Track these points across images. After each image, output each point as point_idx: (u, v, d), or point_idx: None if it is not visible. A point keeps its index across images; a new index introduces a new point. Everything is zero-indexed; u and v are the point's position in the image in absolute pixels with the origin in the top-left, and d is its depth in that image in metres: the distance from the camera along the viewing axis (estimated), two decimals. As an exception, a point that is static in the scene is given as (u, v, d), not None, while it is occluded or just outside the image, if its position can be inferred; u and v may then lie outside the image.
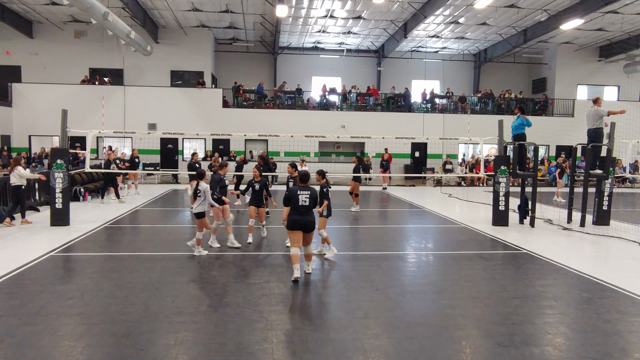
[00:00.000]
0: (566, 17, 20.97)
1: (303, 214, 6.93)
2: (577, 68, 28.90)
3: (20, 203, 11.23)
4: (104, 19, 18.54)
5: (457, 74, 30.84)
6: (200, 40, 26.40)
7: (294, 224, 6.93)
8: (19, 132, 24.04)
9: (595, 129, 11.91)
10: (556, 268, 8.01)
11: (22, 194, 11.26)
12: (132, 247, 9.38)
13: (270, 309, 5.79)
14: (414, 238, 10.70)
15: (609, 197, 12.16)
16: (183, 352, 4.64)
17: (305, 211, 6.96)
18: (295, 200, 6.94)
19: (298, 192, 6.97)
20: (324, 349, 4.75)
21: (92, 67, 26.17)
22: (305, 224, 6.93)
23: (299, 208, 6.94)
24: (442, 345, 4.92)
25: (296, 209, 6.95)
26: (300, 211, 6.94)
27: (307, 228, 6.97)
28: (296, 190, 7.01)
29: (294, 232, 6.96)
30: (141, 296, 6.18)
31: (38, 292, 6.28)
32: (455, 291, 6.65)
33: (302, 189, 7.05)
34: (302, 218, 6.91)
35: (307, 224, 6.94)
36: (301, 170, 7.47)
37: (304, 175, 7.23)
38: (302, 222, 6.91)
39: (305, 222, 6.93)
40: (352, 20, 24.07)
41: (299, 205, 6.93)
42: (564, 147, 26.47)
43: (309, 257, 7.33)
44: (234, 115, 24.96)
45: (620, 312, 5.93)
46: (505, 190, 11.93)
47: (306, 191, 7.01)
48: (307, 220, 6.94)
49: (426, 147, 26.62)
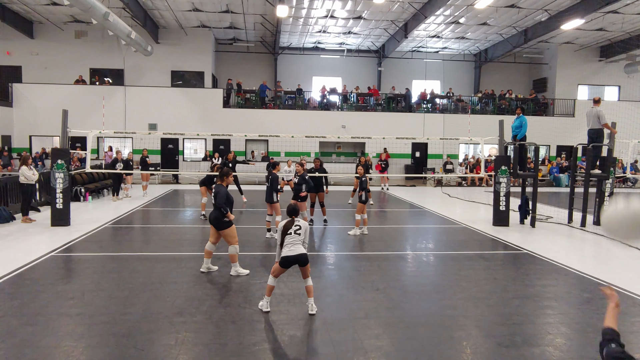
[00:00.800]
0: (567, 17, 20.96)
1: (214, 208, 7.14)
2: (577, 68, 28.87)
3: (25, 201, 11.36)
4: (105, 19, 18.54)
5: (458, 74, 30.83)
6: (201, 41, 26.40)
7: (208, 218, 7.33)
8: (20, 132, 24.04)
9: (596, 129, 11.91)
10: (557, 268, 8.01)
11: (25, 192, 11.37)
12: (133, 247, 9.39)
13: (271, 309, 5.79)
14: (415, 238, 10.70)
15: (610, 197, 12.15)
16: (183, 352, 4.64)
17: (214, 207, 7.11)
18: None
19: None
20: (324, 349, 4.75)
21: (93, 67, 26.17)
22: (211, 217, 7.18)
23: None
24: (442, 345, 4.92)
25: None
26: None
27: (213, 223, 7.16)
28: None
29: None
30: (142, 296, 6.19)
31: (39, 292, 6.29)
32: (455, 291, 6.65)
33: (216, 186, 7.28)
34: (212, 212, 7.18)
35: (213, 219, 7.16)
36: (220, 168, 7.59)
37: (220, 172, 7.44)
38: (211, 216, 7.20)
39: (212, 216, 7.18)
40: (353, 21, 24.07)
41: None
42: (564, 147, 26.47)
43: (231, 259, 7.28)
44: (235, 116, 24.97)
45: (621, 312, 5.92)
46: (505, 191, 11.93)
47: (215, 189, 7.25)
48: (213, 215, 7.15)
49: (427, 147, 26.60)
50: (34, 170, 11.63)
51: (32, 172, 11.46)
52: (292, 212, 5.94)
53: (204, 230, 11.28)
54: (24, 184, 11.32)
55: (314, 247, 9.54)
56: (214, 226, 7.17)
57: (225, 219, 7.08)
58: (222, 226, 7.10)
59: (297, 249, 5.59)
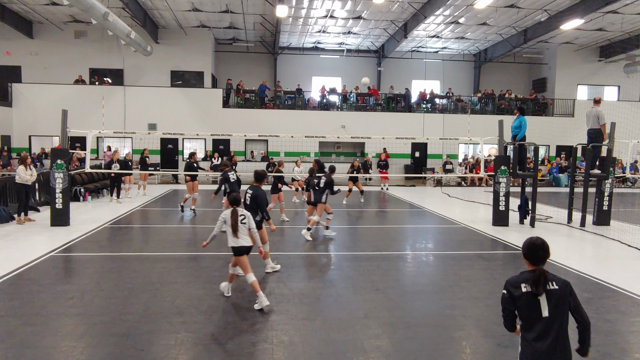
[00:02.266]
0: (566, 17, 20.97)
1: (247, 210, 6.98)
2: (577, 68, 28.89)
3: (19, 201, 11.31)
4: (104, 19, 18.54)
5: (457, 74, 30.83)
6: (200, 41, 26.39)
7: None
8: (19, 132, 24.03)
9: (596, 129, 11.91)
10: (556, 268, 8.01)
11: (20, 192, 11.29)
12: (133, 247, 9.38)
13: (270, 309, 5.79)
14: (414, 238, 10.70)
15: (609, 197, 12.16)
16: (183, 352, 4.64)
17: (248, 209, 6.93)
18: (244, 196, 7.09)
19: (247, 189, 7.15)
20: (324, 349, 4.75)
21: (92, 67, 26.15)
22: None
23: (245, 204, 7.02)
24: (442, 345, 4.92)
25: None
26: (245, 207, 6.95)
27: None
28: (248, 187, 7.20)
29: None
30: (141, 296, 6.18)
31: (38, 292, 6.28)
32: (455, 291, 6.65)
33: (251, 187, 7.16)
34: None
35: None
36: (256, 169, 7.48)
37: (257, 174, 7.29)
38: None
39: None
40: (352, 21, 24.06)
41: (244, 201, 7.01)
42: (564, 147, 26.48)
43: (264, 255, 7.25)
44: (234, 116, 24.96)
45: (620, 312, 5.93)
46: (505, 191, 11.93)
47: (251, 190, 7.10)
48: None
49: (426, 147, 26.61)
50: (33, 171, 11.56)
51: (30, 173, 11.36)
52: (234, 202, 6.12)
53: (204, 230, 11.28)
54: (18, 184, 11.22)
55: (314, 247, 9.54)
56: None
57: (257, 219, 6.93)
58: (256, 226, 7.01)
59: (244, 240, 5.94)
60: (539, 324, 2.90)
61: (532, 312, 2.93)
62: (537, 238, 3.13)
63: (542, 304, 2.91)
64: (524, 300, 2.93)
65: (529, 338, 2.94)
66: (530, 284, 2.93)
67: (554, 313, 2.89)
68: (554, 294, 2.91)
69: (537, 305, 2.91)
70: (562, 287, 2.94)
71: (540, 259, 3.02)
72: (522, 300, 2.94)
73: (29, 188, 11.62)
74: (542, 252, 3.04)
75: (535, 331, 2.91)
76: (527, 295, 2.91)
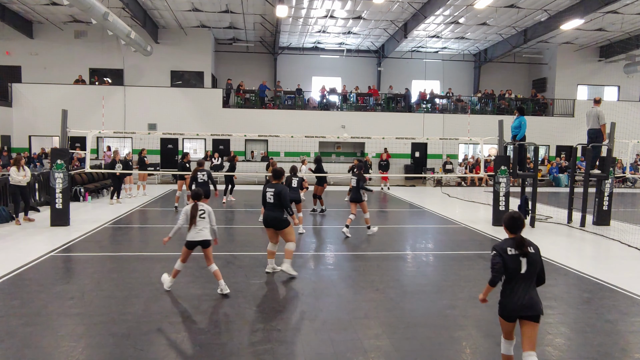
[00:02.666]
0: (566, 17, 20.97)
1: (269, 210, 7.04)
2: (577, 68, 28.89)
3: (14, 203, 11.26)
4: (104, 19, 18.53)
5: (457, 74, 30.83)
6: (200, 41, 26.39)
7: (263, 220, 7.18)
8: (19, 132, 24.02)
9: (596, 129, 11.91)
10: (556, 268, 8.01)
11: (14, 193, 11.21)
12: (133, 247, 9.38)
13: (270, 309, 5.79)
14: (414, 238, 10.70)
15: (609, 197, 12.16)
16: (183, 352, 4.64)
17: (272, 208, 7.00)
18: (263, 196, 7.11)
19: (267, 189, 7.11)
20: (324, 349, 4.75)
21: (92, 67, 26.15)
22: (269, 220, 7.03)
23: (266, 205, 7.09)
24: (442, 345, 4.92)
25: (265, 206, 7.14)
26: (267, 208, 7.09)
27: (273, 225, 7.03)
28: (266, 187, 7.18)
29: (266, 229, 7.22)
30: (141, 296, 6.18)
31: (38, 292, 6.28)
32: (455, 291, 6.65)
33: (270, 186, 7.14)
34: (267, 214, 7.07)
35: (270, 220, 7.02)
36: (274, 167, 7.53)
37: (275, 171, 7.31)
38: (267, 217, 7.07)
39: (269, 217, 7.03)
40: (352, 21, 24.06)
41: (266, 201, 7.07)
42: (564, 147, 26.48)
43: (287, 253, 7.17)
44: (234, 116, 24.96)
45: (620, 312, 5.93)
46: (505, 191, 11.93)
47: (272, 188, 7.06)
48: (270, 216, 7.01)
49: (426, 147, 26.61)
50: (27, 172, 11.31)
51: (23, 174, 11.13)
52: (195, 196, 6.32)
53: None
54: (12, 185, 11.09)
55: (314, 247, 9.54)
56: (272, 227, 7.05)
57: (285, 217, 7.00)
58: (282, 225, 7.01)
59: (203, 234, 6.17)
60: (518, 277, 3.85)
61: (514, 268, 3.85)
62: (515, 212, 4.11)
63: (523, 262, 3.85)
64: (510, 260, 3.85)
65: (510, 287, 3.88)
66: (515, 247, 3.86)
67: (529, 270, 3.85)
68: (532, 255, 3.86)
69: (519, 264, 3.85)
70: (536, 251, 3.91)
71: (518, 228, 3.97)
72: (509, 260, 3.85)
73: (24, 189, 11.38)
74: (519, 222, 3.98)
75: (515, 282, 3.86)
76: (513, 256, 3.85)
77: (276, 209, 6.95)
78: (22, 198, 11.34)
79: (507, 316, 3.89)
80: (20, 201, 11.35)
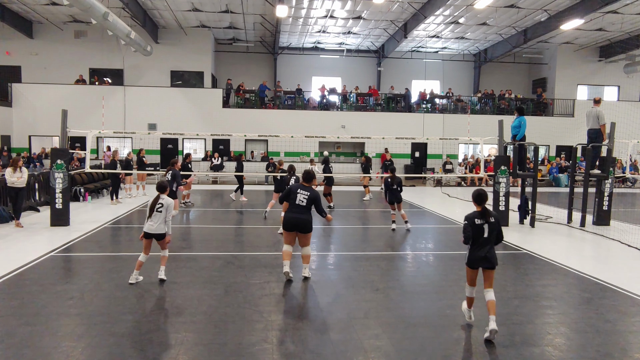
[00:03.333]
0: (566, 17, 20.97)
1: (298, 212, 6.82)
2: (577, 68, 28.89)
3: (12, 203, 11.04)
4: (104, 19, 18.53)
5: (457, 74, 30.83)
6: (200, 41, 26.39)
7: (287, 222, 6.87)
8: (19, 132, 24.02)
9: (596, 129, 11.91)
10: (556, 268, 8.01)
11: (10, 195, 10.98)
12: (132, 247, 9.38)
13: (270, 309, 5.79)
14: (414, 238, 10.69)
15: (609, 197, 12.16)
16: (183, 352, 4.64)
17: (302, 210, 6.84)
18: (293, 197, 6.92)
19: (298, 190, 6.93)
20: (324, 349, 4.75)
21: (92, 67, 26.15)
22: (296, 223, 6.79)
23: (295, 207, 6.88)
24: (442, 345, 4.92)
25: (292, 207, 6.90)
26: (294, 210, 6.86)
27: (299, 228, 6.82)
28: (297, 188, 6.97)
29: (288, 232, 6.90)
30: (141, 296, 6.18)
31: (38, 292, 6.28)
32: (455, 291, 6.65)
33: (304, 188, 6.97)
34: (295, 216, 6.80)
35: (298, 223, 6.80)
36: (306, 169, 7.37)
37: (308, 174, 7.13)
38: (294, 221, 6.80)
39: (297, 220, 6.79)
40: (352, 21, 24.06)
41: (295, 203, 6.89)
42: (564, 147, 26.48)
43: (306, 258, 7.09)
44: (234, 116, 24.96)
45: (620, 312, 5.93)
46: (505, 191, 11.93)
47: (306, 192, 6.91)
48: (299, 219, 6.80)
49: (426, 147, 26.61)
50: (23, 174, 11.00)
51: (19, 176, 10.82)
52: (160, 188, 6.70)
53: (203, 230, 11.29)
54: (8, 187, 10.85)
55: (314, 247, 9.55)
56: (300, 231, 6.84)
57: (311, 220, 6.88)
58: (309, 229, 6.85)
59: (157, 227, 6.54)
60: (481, 240, 5.19)
61: (479, 234, 5.19)
62: (480, 189, 5.35)
63: (485, 229, 5.19)
64: (477, 227, 5.19)
65: (475, 248, 5.22)
66: (480, 218, 5.20)
67: (489, 235, 5.21)
68: (492, 223, 5.22)
69: (483, 230, 5.19)
70: (496, 219, 5.28)
71: (482, 201, 5.30)
72: (476, 228, 5.19)
73: (20, 191, 10.98)
74: (484, 197, 5.31)
75: (479, 245, 5.20)
76: (479, 225, 5.19)
77: (306, 211, 6.81)
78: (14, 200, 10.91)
79: (472, 265, 5.25)
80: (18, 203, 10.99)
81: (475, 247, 5.19)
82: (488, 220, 5.18)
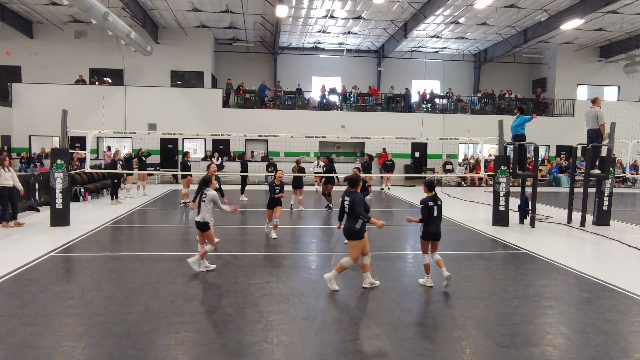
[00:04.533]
0: (566, 17, 20.97)
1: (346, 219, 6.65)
2: (577, 68, 28.89)
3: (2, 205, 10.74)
4: (104, 19, 18.54)
5: (457, 74, 30.83)
6: (200, 41, 26.39)
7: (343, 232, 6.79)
8: (19, 132, 24.03)
9: (596, 129, 11.91)
10: (556, 268, 8.01)
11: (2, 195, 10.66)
12: (132, 247, 9.38)
13: (270, 309, 5.79)
14: (415, 238, 10.69)
15: (609, 197, 12.16)
16: (183, 352, 4.64)
17: (347, 217, 6.62)
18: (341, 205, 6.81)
19: (344, 199, 6.72)
20: (324, 349, 4.75)
21: (92, 67, 26.15)
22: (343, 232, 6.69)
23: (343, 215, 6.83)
24: (442, 345, 4.92)
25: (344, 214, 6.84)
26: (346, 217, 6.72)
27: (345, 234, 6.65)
28: (344, 195, 6.77)
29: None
30: (141, 296, 6.18)
31: (38, 292, 6.28)
32: (455, 291, 6.66)
33: (347, 194, 6.68)
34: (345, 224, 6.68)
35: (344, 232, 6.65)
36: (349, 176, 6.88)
37: (351, 180, 6.72)
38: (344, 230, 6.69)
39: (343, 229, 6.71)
40: (352, 21, 24.07)
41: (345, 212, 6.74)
42: (564, 147, 26.48)
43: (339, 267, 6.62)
44: (234, 115, 24.97)
45: (620, 312, 5.93)
46: (505, 191, 11.93)
47: (348, 197, 6.62)
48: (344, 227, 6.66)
49: (426, 147, 26.61)
50: (12, 173, 10.83)
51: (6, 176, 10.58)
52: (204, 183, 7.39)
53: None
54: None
55: (314, 247, 9.55)
56: (346, 237, 6.64)
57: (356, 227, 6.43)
58: (352, 236, 6.48)
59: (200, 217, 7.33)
60: (433, 218, 6.73)
61: (431, 214, 6.71)
62: (431, 178, 6.77)
63: (435, 209, 6.73)
64: (429, 208, 6.70)
65: (428, 225, 6.77)
66: (432, 201, 6.70)
67: (438, 214, 6.77)
68: (440, 205, 6.80)
69: (433, 211, 6.71)
70: (441, 202, 6.85)
71: (433, 188, 6.83)
72: (429, 209, 6.70)
73: (12, 191, 10.76)
74: (435, 184, 6.80)
75: (430, 223, 6.75)
76: (431, 206, 6.70)
77: (350, 218, 6.51)
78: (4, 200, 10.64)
79: (426, 238, 6.79)
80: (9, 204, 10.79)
81: (429, 224, 6.71)
82: (437, 203, 6.68)
